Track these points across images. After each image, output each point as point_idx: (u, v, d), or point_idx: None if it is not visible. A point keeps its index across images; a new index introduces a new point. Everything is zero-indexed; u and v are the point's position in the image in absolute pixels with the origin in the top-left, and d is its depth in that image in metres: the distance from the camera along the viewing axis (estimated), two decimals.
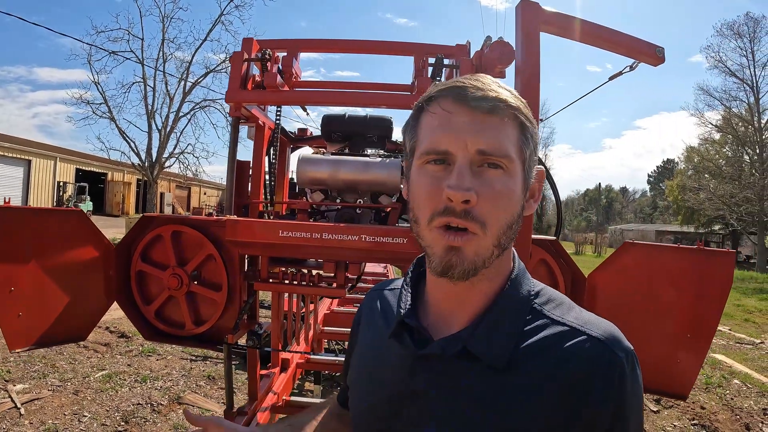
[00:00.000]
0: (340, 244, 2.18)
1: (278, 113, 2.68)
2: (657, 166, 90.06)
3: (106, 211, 37.28)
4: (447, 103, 0.80)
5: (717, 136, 34.66)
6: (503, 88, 0.82)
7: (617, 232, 54.18)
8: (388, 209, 2.65)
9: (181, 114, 24.82)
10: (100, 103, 23.84)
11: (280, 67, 2.65)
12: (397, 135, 3.10)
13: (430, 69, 2.61)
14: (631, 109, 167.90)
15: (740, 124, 31.68)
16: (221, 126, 25.77)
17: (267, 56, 2.44)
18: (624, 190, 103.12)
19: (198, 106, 25.16)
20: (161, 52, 24.54)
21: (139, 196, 38.03)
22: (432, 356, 0.84)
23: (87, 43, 22.17)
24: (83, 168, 35.33)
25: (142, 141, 24.88)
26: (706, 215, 35.46)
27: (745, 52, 30.43)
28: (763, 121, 30.23)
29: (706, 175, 35.03)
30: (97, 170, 36.81)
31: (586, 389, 0.77)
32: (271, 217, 2.71)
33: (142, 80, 24.37)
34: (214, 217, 2.49)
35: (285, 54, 2.65)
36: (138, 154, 24.35)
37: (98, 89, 23.72)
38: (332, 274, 2.44)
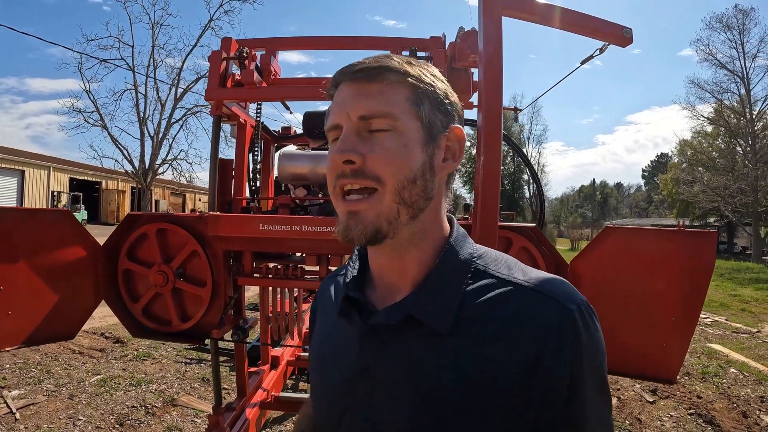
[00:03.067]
0: (319, 236, 2.21)
1: (258, 111, 2.72)
2: (651, 161, 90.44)
3: (100, 219, 37.15)
4: (337, 83, 0.85)
5: (709, 128, 34.78)
6: (396, 59, 0.84)
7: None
8: None
9: (173, 120, 24.78)
10: (92, 111, 23.80)
11: (258, 65, 2.68)
12: None
13: None
14: (622, 104, 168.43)
15: (732, 116, 31.75)
16: None
17: (244, 54, 2.47)
18: (619, 185, 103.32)
19: (190, 112, 25.14)
20: (152, 59, 24.51)
21: (134, 204, 37.90)
22: (378, 327, 0.83)
23: (77, 52, 22.11)
24: (77, 177, 35.20)
25: (135, 148, 24.70)
26: (700, 207, 35.52)
27: (734, 44, 30.56)
28: (755, 112, 30.33)
29: (699, 168, 35.10)
30: (90, 179, 36.68)
31: (538, 350, 0.74)
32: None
33: (133, 87, 24.33)
34: (197, 213, 2.53)
35: (263, 52, 2.69)
36: (131, 162, 24.30)
37: (90, 97, 23.66)
38: (315, 267, 2.48)
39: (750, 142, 30.34)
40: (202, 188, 45.79)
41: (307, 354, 4.23)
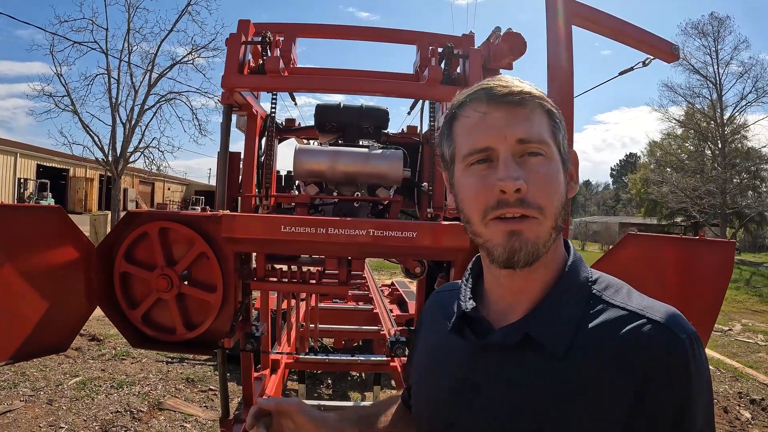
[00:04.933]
0: (347, 240, 2.05)
1: (273, 101, 2.53)
2: (620, 160, 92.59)
3: (68, 208, 36.01)
4: (478, 105, 0.84)
5: (680, 131, 35.66)
6: (524, 82, 0.85)
7: (581, 224, 55.27)
8: (386, 202, 2.55)
9: (146, 107, 23.97)
10: (63, 96, 22.79)
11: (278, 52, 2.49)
12: (392, 126, 3.00)
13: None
14: (591, 103, 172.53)
15: (703, 119, 32.61)
16: (187, 119, 25.07)
17: (268, 39, 2.27)
18: (587, 183, 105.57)
19: (163, 99, 24.35)
20: (126, 43, 23.56)
21: (102, 192, 36.93)
22: (493, 346, 0.86)
23: (50, 32, 21.13)
24: (44, 164, 34.13)
25: (106, 135, 23.65)
26: (668, 207, 36.45)
27: (709, 51, 31.25)
28: (725, 117, 31.18)
29: (668, 169, 36.01)
30: (58, 166, 35.61)
31: (649, 374, 0.76)
32: (266, 212, 2.56)
33: (105, 72, 23.44)
34: (208, 212, 2.32)
35: (283, 38, 2.49)
36: (102, 149, 23.42)
37: (61, 81, 22.64)
38: (335, 271, 2.31)
39: (719, 145, 31.24)
40: (171, 177, 44.93)
41: (306, 357, 4.08)
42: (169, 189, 49.67)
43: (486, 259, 0.90)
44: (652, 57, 2.28)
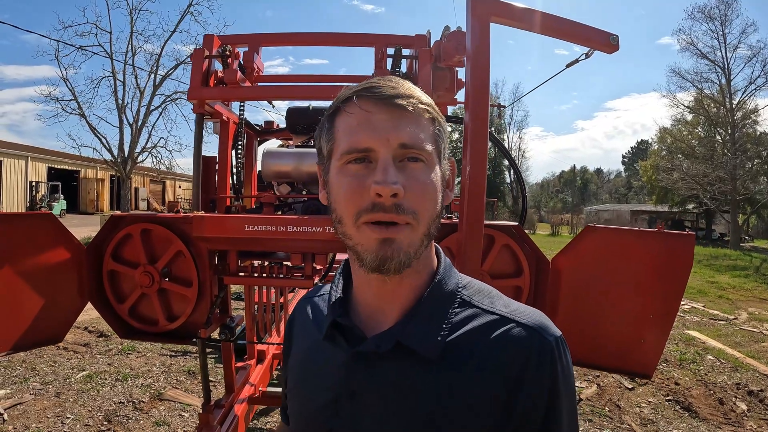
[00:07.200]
0: (305, 236, 2.22)
1: (241, 109, 2.71)
2: (631, 147, 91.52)
3: (80, 208, 36.68)
4: (364, 103, 0.80)
5: (689, 117, 35.26)
6: (415, 88, 0.85)
7: (593, 212, 54.89)
8: None
9: (152, 107, 24.27)
10: (70, 100, 23.15)
11: (242, 62, 2.67)
12: None
13: (389, 60, 2.66)
14: (601, 90, 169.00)
15: (712, 105, 32.21)
16: (193, 118, 25.24)
17: (227, 53, 2.46)
18: (599, 171, 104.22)
19: (169, 99, 24.60)
20: (130, 45, 23.89)
21: (113, 193, 37.38)
22: (367, 354, 0.84)
23: (53, 39, 21.52)
24: (55, 166, 34.64)
25: (114, 136, 24.10)
26: (679, 194, 36.08)
27: (716, 35, 30.84)
28: (735, 102, 30.77)
29: (679, 156, 35.61)
30: (69, 168, 36.10)
31: (520, 374, 0.79)
32: (238, 211, 2.74)
33: (111, 75, 23.77)
34: (182, 214, 2.52)
35: (246, 49, 2.67)
36: (110, 150, 23.79)
37: (67, 85, 22.99)
38: (300, 265, 2.49)
39: (729, 131, 30.88)
40: (182, 175, 45.34)
41: None
42: (180, 187, 50.10)
43: (355, 263, 0.87)
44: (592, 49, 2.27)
